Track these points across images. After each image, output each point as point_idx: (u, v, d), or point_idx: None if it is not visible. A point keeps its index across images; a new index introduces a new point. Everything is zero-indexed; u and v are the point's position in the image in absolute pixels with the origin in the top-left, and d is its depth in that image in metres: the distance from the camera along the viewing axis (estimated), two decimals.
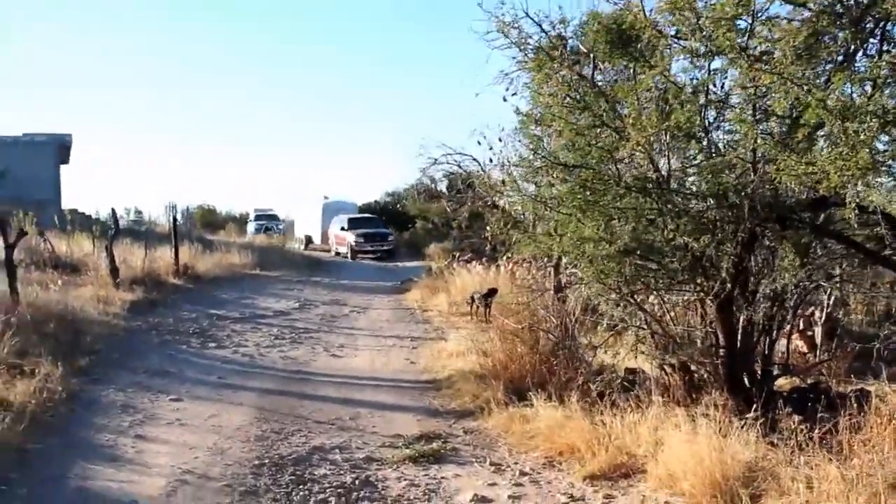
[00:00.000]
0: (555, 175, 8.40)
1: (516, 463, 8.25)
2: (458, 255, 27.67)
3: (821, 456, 6.60)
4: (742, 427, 7.20)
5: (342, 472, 7.96)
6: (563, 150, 8.44)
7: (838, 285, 10.02)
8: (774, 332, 9.59)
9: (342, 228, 44.44)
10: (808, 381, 10.28)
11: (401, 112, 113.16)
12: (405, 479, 7.77)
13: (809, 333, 14.45)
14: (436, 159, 31.58)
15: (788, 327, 10.74)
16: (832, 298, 13.35)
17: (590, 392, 9.18)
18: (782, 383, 10.12)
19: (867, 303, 15.96)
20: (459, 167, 32.32)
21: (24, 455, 8.05)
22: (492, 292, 18.73)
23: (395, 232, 46.56)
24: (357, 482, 7.65)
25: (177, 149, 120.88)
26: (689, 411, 7.93)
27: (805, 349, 14.31)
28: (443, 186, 43.26)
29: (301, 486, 7.50)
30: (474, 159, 30.75)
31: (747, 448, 6.95)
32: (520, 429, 9.00)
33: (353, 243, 42.53)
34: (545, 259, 16.98)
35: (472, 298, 19.22)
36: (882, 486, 5.88)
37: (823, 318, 14.47)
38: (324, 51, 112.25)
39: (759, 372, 9.32)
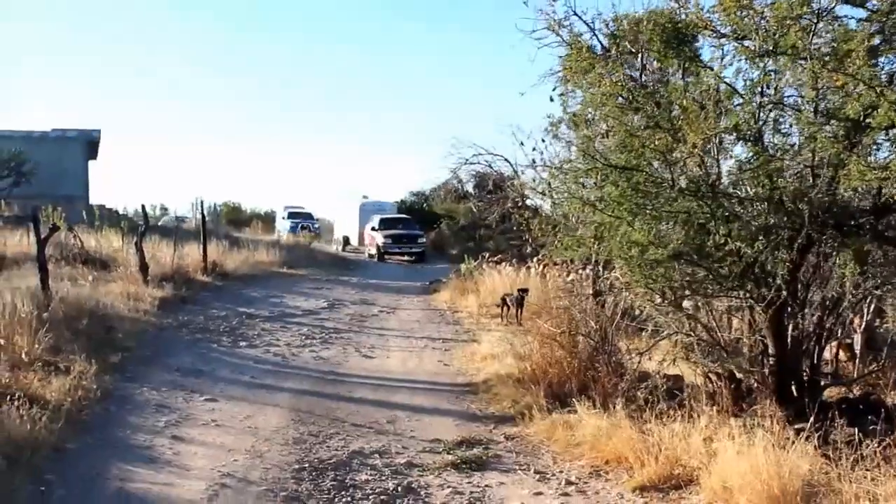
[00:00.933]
0: (605, 177, 8.18)
1: (561, 471, 8.06)
2: (487, 256, 27.42)
3: (884, 471, 6.38)
4: (798, 439, 6.96)
5: (384, 477, 7.81)
6: (613, 152, 8.21)
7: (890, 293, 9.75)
8: (824, 340, 9.36)
9: (373, 229, 42.91)
10: (858, 392, 10.03)
11: (430, 111, 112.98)
12: (448, 487, 7.61)
13: (848, 342, 14.17)
14: (467, 159, 31.57)
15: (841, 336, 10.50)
16: (871, 307, 13.08)
17: (635, 399, 8.95)
18: (830, 393, 9.86)
19: None
20: (490, 167, 32.31)
21: (62, 455, 7.94)
22: (523, 294, 18.53)
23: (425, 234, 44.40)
24: (399, 489, 7.50)
25: (201, 146, 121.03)
26: (739, 421, 7.72)
27: (844, 358, 14.04)
28: (470, 187, 43.18)
29: (343, 493, 7.36)
30: (506, 160, 30.69)
31: (804, 461, 6.72)
32: (563, 436, 8.80)
33: (381, 244, 40.96)
34: (582, 262, 16.83)
35: (504, 300, 19.01)
36: None
37: (863, 327, 14.21)
38: (352, 49, 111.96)
39: (808, 381, 9.10)
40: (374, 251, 41.66)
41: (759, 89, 7.80)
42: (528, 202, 31.54)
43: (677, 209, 7.91)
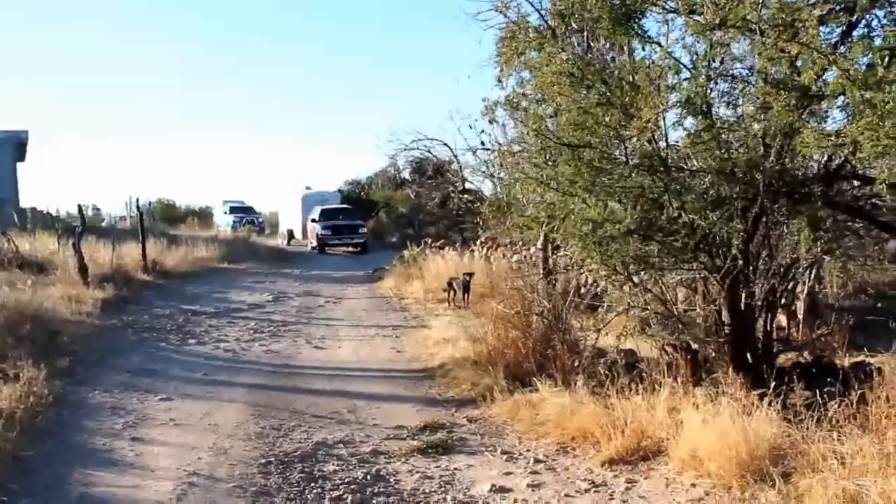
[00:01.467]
0: (558, 155, 8.20)
1: (528, 450, 8.09)
2: (430, 241, 27.44)
3: (846, 430, 6.51)
4: (761, 405, 7.07)
5: (351, 467, 7.76)
6: (565, 131, 8.22)
7: (842, 259, 9.93)
8: (776, 308, 9.52)
9: (313, 220, 41.97)
10: (809, 356, 10.22)
11: (364, 99, 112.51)
12: (417, 472, 7.58)
13: (792, 308, 14.45)
14: (405, 145, 31.60)
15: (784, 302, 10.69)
16: (812, 274, 13.35)
17: (595, 375, 9.01)
18: (783, 359, 10.03)
19: (843, 277, 16.01)
20: (430, 153, 32.34)
21: (21, 463, 7.75)
22: (469, 278, 18.59)
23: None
24: (369, 477, 7.45)
25: (131, 144, 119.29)
26: (701, 391, 7.82)
27: (788, 324, 14.31)
28: (407, 174, 43.13)
29: (313, 484, 7.28)
30: (445, 144, 30.75)
31: (768, 425, 6.83)
32: (527, 415, 8.84)
33: (321, 235, 40.14)
34: (528, 243, 16.91)
35: (450, 284, 19.04)
36: None
37: (805, 293, 14.51)
38: (282, 38, 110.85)
39: (762, 348, 9.25)
40: (315, 243, 40.90)
41: (708, 62, 7.86)
42: (469, 185, 31.78)
43: (630, 185, 7.97)
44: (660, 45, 7.99)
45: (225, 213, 55.58)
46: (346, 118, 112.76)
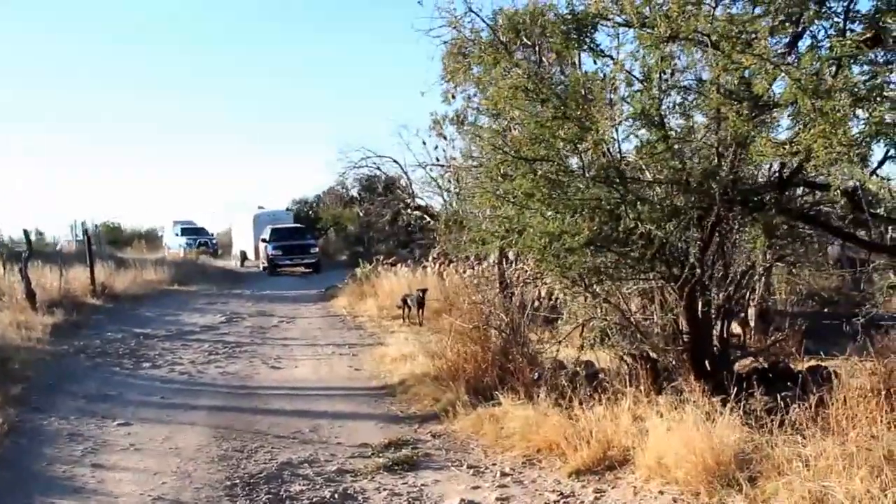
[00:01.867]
0: (515, 169, 8.27)
1: (494, 464, 8.11)
2: (382, 258, 27.49)
3: (810, 434, 6.63)
4: (724, 411, 7.16)
5: (318, 486, 7.72)
6: (522, 144, 8.29)
7: (795, 266, 10.12)
8: (731, 315, 9.66)
9: (263, 240, 40.73)
10: (764, 362, 10.38)
11: (310, 117, 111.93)
12: (385, 489, 7.57)
13: (743, 315, 14.66)
14: (354, 163, 31.55)
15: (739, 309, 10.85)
16: (762, 281, 13.56)
17: (557, 387, 9.07)
18: (740, 366, 10.18)
19: (791, 283, 16.28)
20: (379, 169, 32.35)
21: None
22: (423, 294, 18.64)
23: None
24: (336, 496, 7.42)
25: (69, 167, 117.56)
26: (663, 399, 7.91)
27: (740, 331, 14.52)
28: (355, 191, 43.07)
29: None
30: (395, 161, 30.80)
31: (732, 431, 6.92)
32: (491, 429, 8.86)
33: (271, 256, 39.00)
34: (480, 257, 17.00)
35: (405, 301, 19.06)
36: (880, 459, 5.91)
37: (756, 300, 14.72)
38: (224, 52, 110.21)
39: (719, 356, 9.37)
40: (266, 264, 39.87)
41: (659, 74, 7.99)
42: (419, 202, 31.89)
43: (587, 197, 8.05)
44: (612, 58, 8.10)
45: (176, 234, 54.25)
46: (292, 134, 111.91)
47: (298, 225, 44.03)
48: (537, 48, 8.70)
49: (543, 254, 8.60)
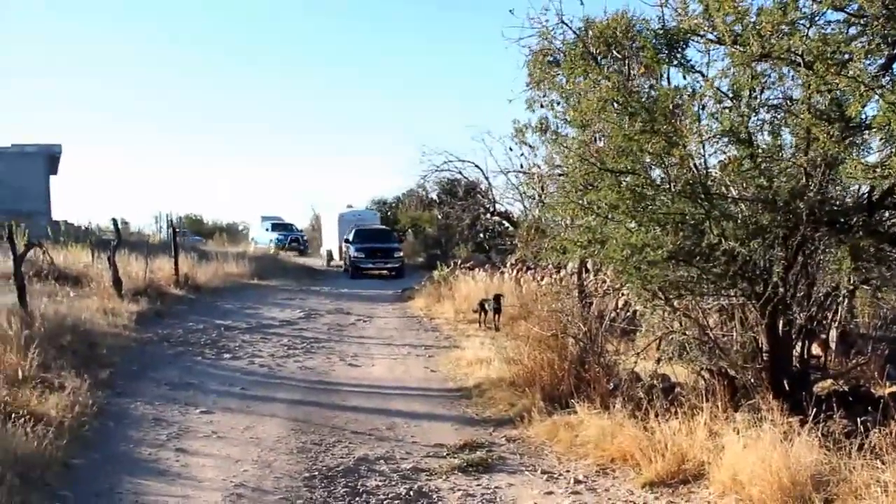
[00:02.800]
0: (601, 181, 8.34)
1: (568, 471, 8.19)
2: (460, 262, 27.66)
3: (890, 459, 6.58)
4: (802, 431, 7.14)
5: (393, 482, 7.89)
6: (609, 156, 8.36)
7: (880, 289, 9.98)
8: (812, 336, 9.59)
9: (346, 241, 39.27)
10: (844, 385, 10.27)
11: (391, 120, 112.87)
12: (459, 490, 7.71)
13: (823, 337, 14.46)
14: (437, 166, 31.87)
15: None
16: (845, 302, 13.36)
17: (633, 398, 9.11)
18: (818, 387, 10.08)
19: (874, 306, 16.00)
20: (461, 174, 32.60)
21: (71, 471, 7.95)
22: (500, 299, 18.71)
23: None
24: (412, 493, 7.59)
25: (159, 158, 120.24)
26: (740, 416, 7.92)
27: (819, 352, 14.32)
28: (435, 194, 43.26)
29: (357, 498, 7.45)
30: (476, 166, 31.06)
31: (810, 452, 6.90)
32: (566, 436, 8.93)
33: (353, 258, 37.10)
34: (557, 266, 17.03)
35: (482, 305, 19.15)
36: None
37: (838, 322, 14.50)
38: (310, 56, 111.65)
39: (799, 376, 9.31)
40: (347, 266, 38.59)
41: (749, 91, 8.00)
42: (499, 207, 32.07)
43: (672, 211, 8.08)
44: (702, 74, 8.14)
45: (266, 229, 53.56)
46: (365, 135, 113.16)
47: (384, 227, 42.70)
48: (626, 61, 8.72)
49: (625, 265, 8.65)
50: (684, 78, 8.55)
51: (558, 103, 24.79)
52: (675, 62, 8.07)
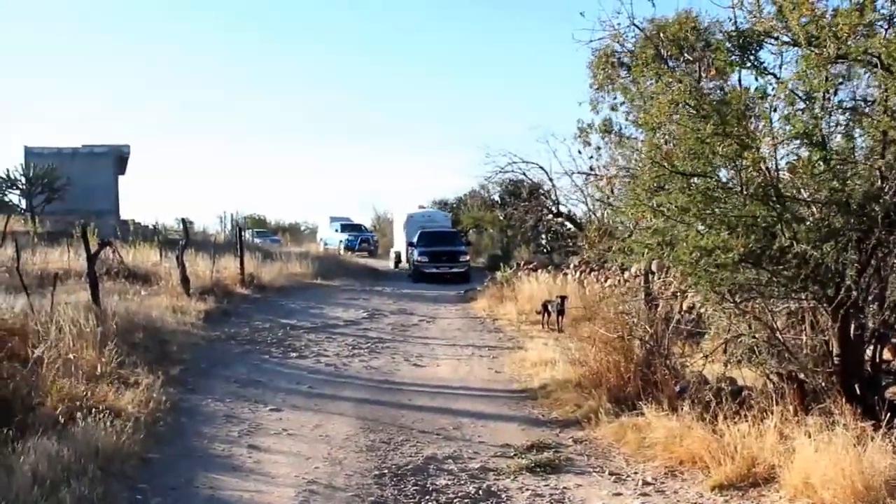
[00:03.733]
0: (672, 183, 8.33)
1: (636, 472, 8.19)
2: (523, 263, 27.67)
3: None
4: (876, 436, 7.08)
5: (462, 482, 7.96)
6: (681, 159, 8.33)
7: None
8: (885, 340, 9.46)
9: (410, 244, 37.76)
10: None
11: (449, 120, 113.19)
12: (527, 490, 7.76)
13: (894, 340, 14.23)
14: (501, 167, 31.91)
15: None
16: None
17: (701, 401, 9.08)
18: (890, 392, 9.95)
19: None
20: (525, 175, 32.62)
21: (148, 464, 8.18)
22: (564, 301, 18.67)
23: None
24: (480, 492, 7.66)
25: (223, 159, 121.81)
26: (811, 420, 7.85)
27: (889, 357, 14.10)
28: (496, 195, 43.23)
29: (427, 497, 7.53)
30: (541, 168, 31.08)
31: (884, 457, 6.83)
32: (634, 438, 8.92)
33: (417, 262, 35.44)
34: (625, 267, 16.98)
35: (545, 307, 19.13)
36: None
37: None
38: (371, 55, 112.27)
39: (870, 380, 9.20)
40: (410, 269, 36.85)
41: (823, 94, 7.95)
42: (563, 209, 32.06)
43: (744, 214, 8.05)
44: (775, 76, 8.10)
45: (336, 230, 52.09)
46: (422, 137, 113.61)
47: (450, 229, 40.87)
48: (697, 64, 8.70)
49: (694, 268, 8.62)
50: (756, 80, 8.51)
51: (622, 104, 24.96)
52: (749, 64, 8.03)
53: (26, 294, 13.03)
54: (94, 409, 8.58)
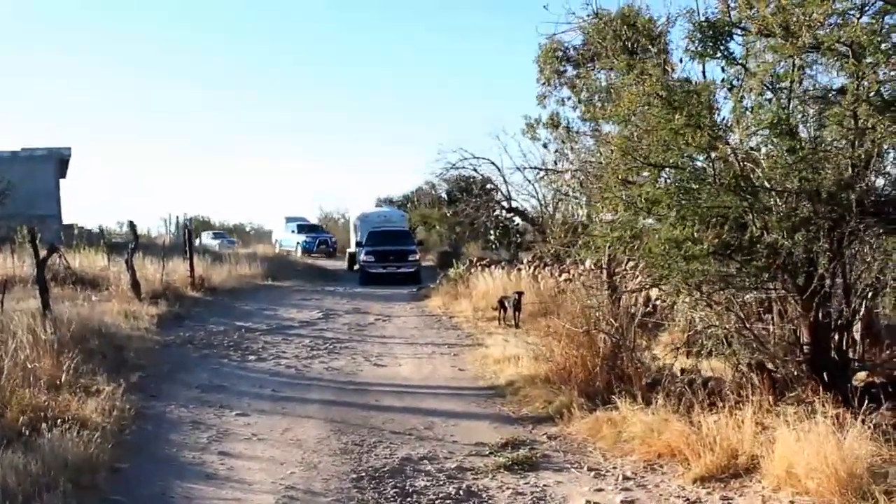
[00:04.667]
0: (643, 175, 8.33)
1: (615, 467, 8.15)
2: (476, 259, 27.65)
3: None
4: (854, 423, 7.11)
5: (441, 482, 7.85)
6: (653, 151, 8.32)
7: None
8: (849, 327, 9.56)
9: (358, 244, 36.23)
10: (880, 376, 10.23)
11: (403, 112, 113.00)
12: (508, 488, 7.67)
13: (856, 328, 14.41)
14: (453, 164, 31.86)
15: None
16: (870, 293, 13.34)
17: (673, 393, 9.08)
18: (856, 379, 10.06)
19: None
20: (476, 171, 32.60)
21: (119, 475, 7.95)
22: (520, 296, 18.68)
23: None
24: (461, 493, 7.55)
25: (159, 160, 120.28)
26: (789, 409, 7.90)
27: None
28: (443, 192, 43.21)
29: (408, 499, 7.41)
30: (492, 163, 31.07)
31: (863, 444, 6.87)
32: (609, 433, 8.89)
33: (363, 262, 33.78)
34: (580, 261, 17.01)
35: (502, 303, 19.12)
36: None
37: (863, 312, 14.46)
38: (316, 52, 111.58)
39: (839, 368, 9.29)
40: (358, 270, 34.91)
41: (790, 83, 7.99)
42: (514, 204, 32.11)
43: (717, 205, 8.06)
44: (744, 66, 8.11)
45: (292, 231, 50.41)
46: (371, 134, 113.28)
47: (401, 228, 38.53)
48: (663, 56, 8.70)
49: (665, 260, 8.63)
50: (723, 70, 8.54)
51: (568, 98, 25.03)
52: (719, 54, 8.05)
53: None
54: (58, 420, 8.37)
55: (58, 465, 7.29)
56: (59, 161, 40.79)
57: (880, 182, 8.12)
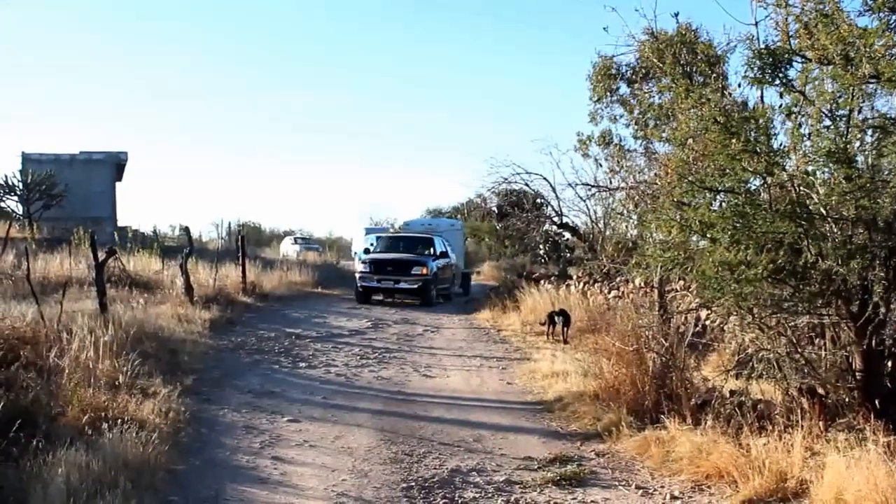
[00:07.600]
0: (700, 199, 8.40)
1: (662, 486, 8.21)
2: (526, 274, 27.73)
3: None
4: None
5: (489, 495, 7.95)
6: (709, 176, 8.40)
7: None
8: None
9: (365, 251, 31.26)
10: None
11: (436, 133, 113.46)
12: (554, 503, 7.76)
13: None
14: (505, 178, 31.92)
15: None
16: None
17: (723, 415, 9.11)
18: None
19: None
20: (528, 186, 32.64)
21: (175, 476, 8.12)
22: (569, 312, 18.74)
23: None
24: None
25: (215, 166, 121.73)
26: (841, 434, 7.91)
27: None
28: (493, 205, 43.21)
29: None
30: (544, 178, 31.10)
31: None
32: (657, 452, 8.94)
33: (359, 273, 28.24)
34: (630, 279, 17.04)
35: (551, 318, 19.16)
36: None
37: None
38: (371, 67, 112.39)
39: (890, 394, 9.27)
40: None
41: (849, 112, 8.02)
42: (566, 220, 32.10)
43: (771, 230, 8.11)
44: (803, 94, 8.16)
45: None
46: (414, 150, 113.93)
47: (423, 235, 32.03)
48: (721, 81, 8.77)
49: (719, 283, 8.68)
50: (781, 97, 8.59)
51: (620, 116, 25.10)
52: (777, 82, 8.11)
53: (37, 303, 12.97)
54: (117, 420, 8.57)
55: (118, 465, 7.48)
56: (115, 165, 41.54)
57: None
